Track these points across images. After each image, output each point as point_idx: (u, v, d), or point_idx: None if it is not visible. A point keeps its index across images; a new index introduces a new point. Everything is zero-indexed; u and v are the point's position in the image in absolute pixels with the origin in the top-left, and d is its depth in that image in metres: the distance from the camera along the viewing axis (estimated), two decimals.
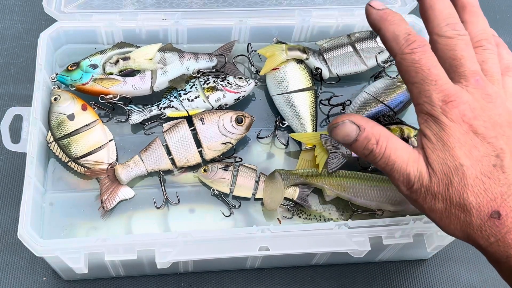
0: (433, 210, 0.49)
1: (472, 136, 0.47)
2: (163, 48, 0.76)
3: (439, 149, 0.47)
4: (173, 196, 0.71)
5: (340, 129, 0.51)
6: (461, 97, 0.47)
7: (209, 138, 0.72)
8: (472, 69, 0.48)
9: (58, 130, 0.70)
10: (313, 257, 0.71)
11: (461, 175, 0.47)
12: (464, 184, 0.46)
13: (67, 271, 0.67)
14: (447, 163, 0.47)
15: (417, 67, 0.48)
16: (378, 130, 0.50)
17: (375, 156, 0.50)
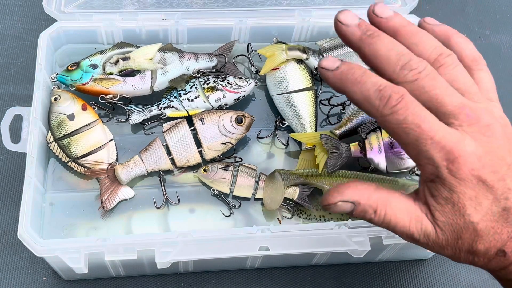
0: (442, 254, 0.48)
1: (481, 187, 0.43)
2: (163, 48, 0.76)
3: (448, 211, 0.45)
4: (173, 196, 0.71)
5: (334, 209, 0.48)
6: (464, 150, 0.42)
7: (209, 138, 0.72)
8: (455, 104, 0.43)
9: (58, 130, 0.70)
10: (313, 257, 0.71)
11: (472, 231, 0.45)
12: (474, 237, 0.45)
13: (67, 271, 0.67)
14: (457, 222, 0.45)
15: (405, 128, 0.42)
16: (375, 199, 0.46)
17: (375, 223, 0.47)
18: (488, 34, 0.99)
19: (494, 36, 0.99)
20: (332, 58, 0.45)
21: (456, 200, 0.44)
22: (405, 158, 0.68)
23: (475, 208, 0.44)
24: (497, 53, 0.97)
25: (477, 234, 0.45)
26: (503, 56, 0.97)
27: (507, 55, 0.97)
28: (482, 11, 1.01)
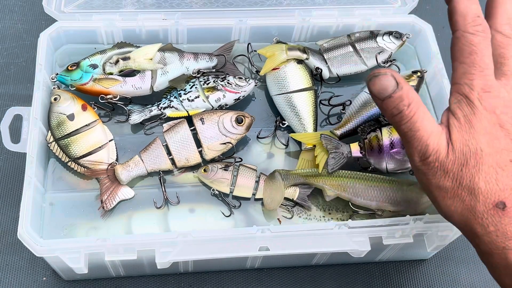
0: (440, 187, 0.50)
1: (498, 129, 0.49)
2: (163, 48, 0.76)
3: (465, 130, 0.49)
4: (173, 196, 0.71)
5: (380, 79, 0.50)
6: (498, 91, 0.49)
7: (209, 138, 0.72)
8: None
9: (58, 130, 0.70)
10: (313, 257, 0.71)
11: (478, 159, 0.48)
12: (479, 169, 0.48)
13: (67, 271, 0.67)
14: (468, 144, 0.48)
15: (473, 49, 0.50)
16: (413, 95, 0.50)
17: (402, 117, 0.50)
18: None
19: None
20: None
21: (474, 123, 0.49)
22: (405, 159, 0.68)
23: (487, 141, 0.48)
24: None
25: (482, 165, 0.48)
26: None
27: None
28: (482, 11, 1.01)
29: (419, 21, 0.82)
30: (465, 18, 0.51)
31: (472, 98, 0.49)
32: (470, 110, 0.49)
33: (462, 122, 0.49)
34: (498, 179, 0.48)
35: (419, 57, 0.84)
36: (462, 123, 0.49)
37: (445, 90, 0.76)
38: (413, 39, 0.83)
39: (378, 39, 0.79)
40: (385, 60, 0.79)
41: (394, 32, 0.80)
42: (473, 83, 0.49)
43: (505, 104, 0.49)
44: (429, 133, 0.49)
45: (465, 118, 0.49)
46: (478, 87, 0.49)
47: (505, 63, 0.51)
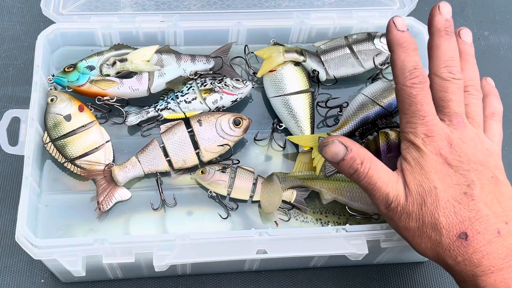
0: (407, 228, 0.53)
1: (447, 167, 0.52)
2: (160, 50, 0.76)
3: (417, 172, 0.53)
4: (170, 198, 0.71)
5: (329, 147, 0.56)
6: (441, 134, 0.53)
7: (206, 140, 0.72)
8: (457, 111, 0.55)
9: (55, 130, 0.70)
10: (311, 260, 0.71)
11: (434, 196, 0.51)
12: (436, 205, 0.51)
13: (65, 274, 0.67)
14: (422, 184, 0.52)
15: (412, 101, 0.53)
16: (363, 153, 0.55)
17: (359, 175, 0.55)
18: (487, 35, 0.99)
19: (493, 37, 0.99)
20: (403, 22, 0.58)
21: (423, 164, 0.52)
22: None
23: (438, 178, 0.52)
24: (496, 54, 0.97)
25: (438, 203, 0.51)
26: (502, 57, 0.96)
27: (506, 56, 0.97)
28: (481, 12, 1.01)
29: (417, 23, 0.82)
30: (403, 72, 0.54)
31: (418, 144, 0.53)
32: (418, 154, 0.53)
33: (413, 165, 0.53)
34: (456, 212, 0.51)
35: None
36: (413, 166, 0.53)
37: None
38: None
39: (375, 41, 0.79)
40: (382, 62, 0.79)
41: None
42: (416, 131, 0.53)
43: (449, 144, 0.53)
44: (386, 182, 0.54)
45: (414, 161, 0.53)
46: (421, 134, 0.53)
47: (446, 106, 0.55)
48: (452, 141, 0.53)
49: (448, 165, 0.52)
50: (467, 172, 0.52)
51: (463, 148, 0.53)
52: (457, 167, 0.52)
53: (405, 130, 0.54)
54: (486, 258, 0.50)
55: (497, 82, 0.93)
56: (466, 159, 0.53)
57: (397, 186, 0.54)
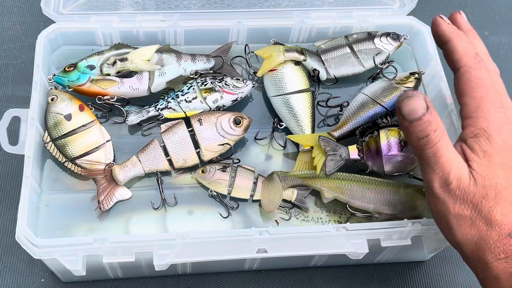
0: (459, 215, 0.51)
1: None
2: (161, 49, 0.76)
3: (485, 164, 0.51)
4: (171, 197, 0.71)
5: (412, 100, 0.52)
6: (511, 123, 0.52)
7: (207, 139, 0.71)
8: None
9: (55, 130, 0.70)
10: (311, 259, 0.71)
11: (497, 193, 0.50)
12: (497, 202, 0.50)
13: (65, 273, 0.67)
14: (489, 178, 0.50)
15: (481, 84, 0.53)
16: (439, 122, 0.52)
17: (428, 142, 0.51)
18: (487, 35, 0.99)
19: (493, 37, 0.99)
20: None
21: (493, 157, 0.50)
22: (402, 161, 0.68)
23: (504, 175, 0.50)
24: (496, 54, 0.96)
25: (499, 200, 0.50)
26: (502, 57, 0.97)
27: (506, 56, 0.97)
28: (481, 12, 1.01)
29: (417, 23, 0.82)
30: (468, 56, 0.54)
31: (490, 132, 0.51)
32: (488, 145, 0.51)
33: (481, 156, 0.51)
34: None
35: (417, 59, 0.84)
36: (481, 157, 0.51)
37: (442, 92, 0.76)
38: (411, 40, 0.83)
39: (376, 41, 0.79)
40: (382, 61, 0.79)
41: (391, 34, 0.80)
42: (490, 116, 0.52)
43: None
44: (451, 161, 0.51)
45: (484, 152, 0.51)
46: (497, 121, 0.52)
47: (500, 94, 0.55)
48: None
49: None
50: None
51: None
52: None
53: (477, 115, 0.52)
54: None
55: None
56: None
57: (461, 169, 0.51)
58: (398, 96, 0.55)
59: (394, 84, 0.76)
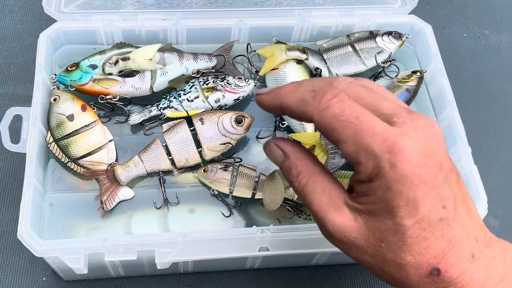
0: (361, 261, 0.44)
1: (421, 189, 0.40)
2: (163, 48, 0.76)
3: (380, 209, 0.41)
4: (173, 197, 0.71)
5: (267, 150, 0.49)
6: (408, 144, 0.40)
7: (208, 138, 0.72)
8: (393, 106, 0.42)
9: (58, 130, 0.70)
10: (313, 257, 0.71)
11: (400, 234, 0.40)
12: (402, 244, 0.41)
13: (67, 271, 0.67)
14: (385, 222, 0.41)
15: (343, 121, 0.41)
16: (304, 164, 0.45)
17: (294, 189, 0.46)
18: (488, 34, 0.99)
19: (494, 36, 0.99)
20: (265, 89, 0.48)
21: (391, 199, 0.40)
22: None
23: (409, 212, 0.40)
24: (497, 53, 0.97)
25: (405, 241, 0.40)
26: (503, 56, 0.97)
27: (507, 55, 0.97)
28: (482, 11, 1.01)
29: (418, 21, 0.82)
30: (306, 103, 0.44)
31: (384, 171, 0.40)
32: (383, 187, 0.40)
33: (375, 201, 0.41)
34: (429, 246, 0.41)
35: (419, 57, 0.84)
36: (375, 202, 0.41)
37: (444, 90, 0.76)
38: (413, 39, 0.83)
39: (378, 39, 0.79)
40: (384, 60, 0.79)
41: (393, 32, 0.80)
42: (375, 153, 0.40)
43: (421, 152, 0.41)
44: (324, 205, 0.43)
45: (379, 199, 0.41)
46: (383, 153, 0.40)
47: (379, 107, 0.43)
48: (420, 145, 0.40)
49: (423, 185, 0.40)
50: (441, 187, 0.41)
51: (432, 150, 0.41)
52: (432, 184, 0.40)
53: (360, 160, 0.41)
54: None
55: (498, 81, 0.94)
56: (437, 164, 0.41)
57: (342, 215, 0.43)
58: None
59: (396, 82, 0.76)
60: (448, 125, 0.76)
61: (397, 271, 0.42)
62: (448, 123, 0.76)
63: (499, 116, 0.90)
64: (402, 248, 0.41)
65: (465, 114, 0.75)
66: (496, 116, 0.90)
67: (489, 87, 0.92)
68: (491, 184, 0.71)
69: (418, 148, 0.40)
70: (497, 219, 0.81)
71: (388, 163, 0.39)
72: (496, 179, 0.83)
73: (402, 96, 0.76)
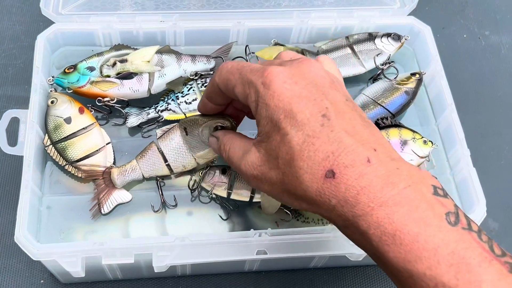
0: (272, 190, 0.47)
1: (296, 100, 0.44)
2: (161, 50, 0.76)
3: (268, 129, 0.46)
4: (171, 199, 0.71)
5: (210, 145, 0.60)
6: (278, 68, 0.46)
7: (195, 147, 0.68)
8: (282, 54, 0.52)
9: (55, 133, 0.70)
10: (311, 260, 0.71)
11: (288, 146, 0.44)
12: (293, 152, 0.43)
13: (64, 275, 0.67)
14: (275, 138, 0.45)
15: (232, 71, 0.50)
16: (228, 137, 0.55)
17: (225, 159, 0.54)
18: (488, 35, 0.98)
19: (494, 37, 0.98)
20: None
21: (271, 114, 0.45)
22: None
23: (290, 122, 0.44)
24: (497, 54, 0.96)
25: (294, 149, 0.43)
26: (503, 57, 0.96)
27: (507, 56, 0.96)
28: (482, 12, 1.01)
29: (418, 23, 0.82)
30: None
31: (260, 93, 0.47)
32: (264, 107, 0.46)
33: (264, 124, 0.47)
34: (317, 150, 0.43)
35: (418, 59, 0.84)
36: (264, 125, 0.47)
37: (443, 92, 0.76)
38: (412, 40, 0.83)
39: (377, 41, 0.79)
40: (383, 62, 0.79)
41: (392, 34, 0.79)
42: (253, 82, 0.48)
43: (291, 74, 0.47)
44: (240, 154, 0.51)
45: (265, 120, 0.46)
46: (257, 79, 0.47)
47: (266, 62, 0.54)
48: (292, 71, 0.46)
49: (297, 98, 0.44)
50: (319, 100, 0.44)
51: (306, 74, 0.46)
52: (307, 97, 0.44)
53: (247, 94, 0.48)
54: (361, 194, 0.41)
55: (498, 82, 0.93)
56: (314, 85, 0.45)
57: (249, 153, 0.49)
58: None
59: (395, 84, 0.76)
60: (447, 127, 0.75)
61: (297, 184, 0.44)
62: (447, 125, 0.75)
63: (498, 117, 0.89)
64: (293, 157, 0.43)
65: (464, 115, 0.75)
66: (495, 117, 0.89)
67: (489, 88, 0.92)
68: (490, 186, 0.70)
69: (288, 71, 0.46)
70: (497, 221, 0.80)
71: (262, 85, 0.46)
72: (495, 181, 0.83)
73: (401, 99, 0.75)
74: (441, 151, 0.77)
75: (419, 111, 0.80)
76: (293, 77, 0.45)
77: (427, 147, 0.71)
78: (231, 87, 0.50)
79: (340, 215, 0.42)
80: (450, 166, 0.75)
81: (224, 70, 0.51)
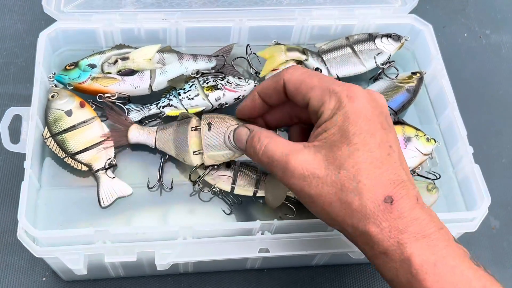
0: (320, 194, 0.48)
1: (373, 124, 0.48)
2: (162, 49, 0.76)
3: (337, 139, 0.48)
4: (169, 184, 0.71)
5: (236, 133, 0.59)
6: (360, 89, 0.50)
7: (212, 146, 0.67)
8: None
9: (55, 125, 0.70)
10: (313, 258, 0.71)
11: (356, 161, 0.47)
12: (359, 168, 0.47)
13: (66, 272, 0.67)
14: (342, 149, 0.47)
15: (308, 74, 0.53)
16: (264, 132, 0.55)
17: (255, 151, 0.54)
18: (489, 34, 0.99)
19: (494, 36, 0.99)
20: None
21: (348, 127, 0.47)
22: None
23: (363, 140, 0.47)
24: (497, 53, 0.97)
25: (360, 166, 0.46)
26: (503, 56, 0.96)
27: (508, 55, 0.97)
28: (482, 11, 1.01)
29: (418, 21, 0.82)
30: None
31: (344, 104, 0.49)
32: (341, 117, 0.49)
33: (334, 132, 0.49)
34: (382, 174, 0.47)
35: (419, 58, 0.84)
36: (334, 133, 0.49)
37: (444, 91, 0.76)
38: (413, 39, 0.83)
39: (377, 41, 0.79)
40: (384, 61, 0.79)
41: (392, 34, 0.80)
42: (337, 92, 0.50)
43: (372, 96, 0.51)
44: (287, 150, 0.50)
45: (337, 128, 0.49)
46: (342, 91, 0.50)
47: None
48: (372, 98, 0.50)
49: (376, 119, 0.49)
50: (389, 132, 0.49)
51: (379, 103, 0.50)
52: (382, 124, 0.49)
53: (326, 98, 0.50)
54: (411, 225, 0.46)
55: (498, 81, 0.93)
56: (384, 116, 0.50)
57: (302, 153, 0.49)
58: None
59: (396, 83, 0.76)
60: (449, 125, 0.75)
61: (355, 197, 0.46)
62: (449, 123, 0.75)
63: (500, 116, 0.90)
64: (359, 171, 0.46)
65: (466, 114, 0.75)
66: (497, 115, 0.90)
67: (490, 87, 0.92)
68: (492, 184, 0.70)
69: (368, 95, 0.50)
70: (498, 219, 0.81)
71: (347, 97, 0.48)
72: (497, 179, 0.83)
73: (402, 97, 0.75)
74: (443, 149, 0.77)
75: (420, 110, 0.80)
76: (371, 102, 0.49)
77: (430, 145, 0.72)
78: (305, 89, 0.52)
79: (384, 240, 0.46)
80: (452, 164, 0.75)
81: (299, 72, 0.53)
